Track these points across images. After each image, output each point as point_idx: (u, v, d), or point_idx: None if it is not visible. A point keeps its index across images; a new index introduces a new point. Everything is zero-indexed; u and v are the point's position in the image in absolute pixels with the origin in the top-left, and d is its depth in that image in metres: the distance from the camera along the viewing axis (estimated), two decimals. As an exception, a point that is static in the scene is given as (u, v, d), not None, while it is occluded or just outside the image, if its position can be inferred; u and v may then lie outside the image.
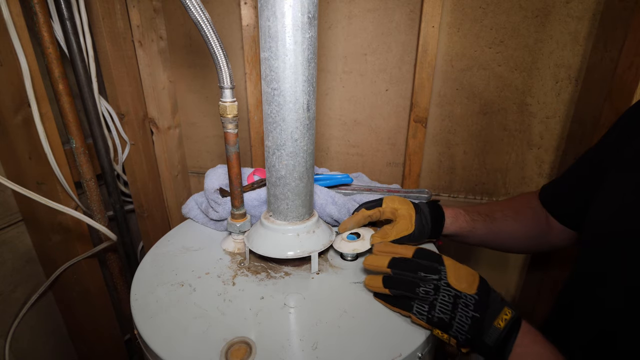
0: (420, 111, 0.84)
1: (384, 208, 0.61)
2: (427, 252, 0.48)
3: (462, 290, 0.43)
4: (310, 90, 0.50)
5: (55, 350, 0.89)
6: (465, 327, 0.42)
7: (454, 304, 0.43)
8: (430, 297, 0.44)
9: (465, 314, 0.42)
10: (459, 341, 0.43)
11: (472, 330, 0.42)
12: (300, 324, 0.48)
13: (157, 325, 0.47)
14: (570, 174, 0.61)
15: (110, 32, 0.83)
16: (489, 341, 0.41)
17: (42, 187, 0.74)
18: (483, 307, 0.42)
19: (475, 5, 0.76)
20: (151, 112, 0.98)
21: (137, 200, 1.00)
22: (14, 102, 0.67)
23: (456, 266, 0.46)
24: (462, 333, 0.42)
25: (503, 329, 0.41)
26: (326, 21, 0.85)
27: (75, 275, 0.83)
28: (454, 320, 0.43)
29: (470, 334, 0.42)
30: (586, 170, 0.57)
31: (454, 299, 0.43)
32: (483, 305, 0.43)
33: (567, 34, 0.74)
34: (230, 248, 0.64)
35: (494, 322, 0.42)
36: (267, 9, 0.45)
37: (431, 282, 0.45)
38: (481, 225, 0.62)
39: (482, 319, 0.42)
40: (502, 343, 0.41)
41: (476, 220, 0.62)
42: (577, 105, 0.78)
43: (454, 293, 0.43)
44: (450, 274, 0.45)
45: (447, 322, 0.43)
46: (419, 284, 0.45)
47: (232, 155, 0.57)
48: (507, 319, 0.42)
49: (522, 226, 0.63)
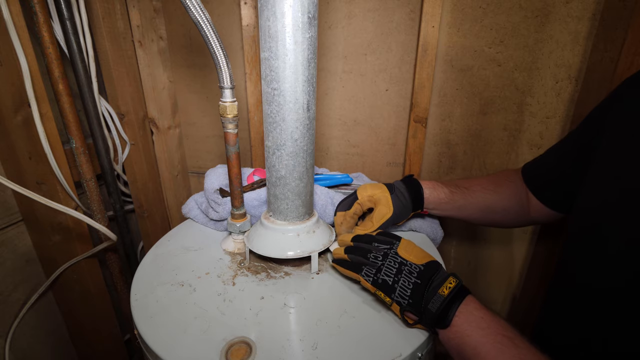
0: (420, 111, 0.84)
1: (360, 200, 0.62)
2: (388, 233, 0.54)
3: (407, 259, 0.47)
4: (310, 90, 0.50)
5: (55, 350, 0.89)
6: (407, 291, 0.45)
7: (399, 270, 0.46)
8: (378, 262, 0.48)
9: (408, 279, 0.45)
10: (401, 306, 0.45)
11: (413, 295, 0.44)
12: (300, 324, 0.48)
13: (157, 325, 0.47)
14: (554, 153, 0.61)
15: (110, 32, 0.83)
16: (432, 308, 0.43)
17: (42, 187, 0.74)
18: (427, 276, 0.45)
19: (475, 5, 0.76)
20: (151, 112, 0.98)
21: (137, 200, 1.00)
22: (14, 102, 0.67)
23: (411, 245, 0.50)
24: (404, 297, 0.45)
25: (447, 295, 0.43)
26: (326, 21, 0.85)
27: (75, 275, 0.83)
28: (397, 284, 0.46)
29: (412, 299, 0.44)
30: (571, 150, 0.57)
31: (399, 265, 0.47)
32: (427, 275, 0.45)
33: (567, 34, 0.74)
34: (230, 248, 0.64)
35: (438, 290, 0.44)
36: (267, 9, 0.45)
37: (382, 250, 0.50)
38: (460, 197, 0.63)
39: (424, 286, 0.44)
40: (445, 309, 0.42)
41: (454, 192, 0.64)
42: (577, 105, 0.78)
43: (400, 260, 0.47)
44: (402, 247, 0.50)
45: (390, 285, 0.46)
46: (371, 251, 0.50)
47: (232, 155, 0.57)
48: (452, 287, 0.44)
49: (501, 198, 0.64)
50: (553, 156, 0.61)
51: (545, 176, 0.61)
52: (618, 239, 0.40)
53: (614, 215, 0.42)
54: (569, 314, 0.47)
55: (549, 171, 0.61)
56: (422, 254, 0.49)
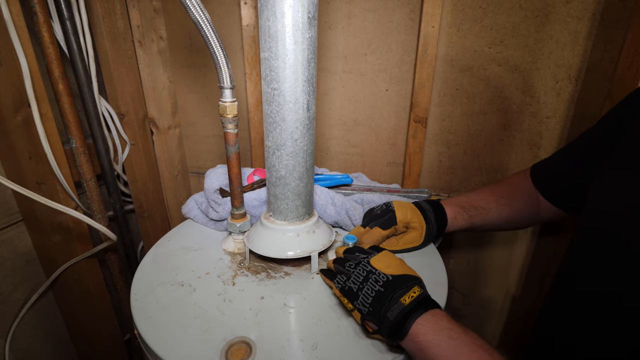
0: (420, 111, 0.84)
1: (398, 225, 0.63)
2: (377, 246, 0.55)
3: (377, 269, 0.46)
4: (310, 90, 0.50)
5: (55, 350, 0.89)
6: (369, 299, 0.44)
7: (366, 278, 0.46)
8: (350, 270, 0.48)
9: (372, 287, 0.45)
10: (362, 313, 0.44)
11: (374, 303, 0.43)
12: (300, 324, 0.48)
13: (157, 325, 0.47)
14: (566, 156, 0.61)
15: (110, 32, 0.83)
16: (390, 316, 0.41)
17: (42, 187, 0.74)
18: (393, 286, 0.44)
19: (475, 5, 0.76)
20: (151, 112, 0.98)
21: (137, 200, 1.00)
22: (14, 102, 0.67)
23: (389, 257, 0.49)
24: (365, 305, 0.44)
25: (408, 305, 0.41)
26: (326, 21, 0.85)
27: (75, 275, 0.83)
28: (360, 292, 0.45)
29: (373, 307, 0.43)
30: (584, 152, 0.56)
31: (367, 273, 0.46)
32: (393, 285, 0.44)
33: (567, 34, 0.74)
34: (230, 248, 0.64)
35: (400, 299, 0.42)
36: (267, 9, 0.45)
37: (357, 259, 0.50)
38: (479, 219, 0.64)
39: (386, 294, 0.43)
40: (404, 318, 0.41)
41: (473, 216, 0.64)
42: (577, 105, 0.78)
43: (369, 269, 0.47)
44: (377, 257, 0.49)
45: (354, 292, 0.46)
46: (349, 260, 0.51)
47: (232, 155, 0.57)
48: (414, 296, 0.42)
49: (516, 211, 0.65)
50: (565, 158, 0.61)
51: (557, 178, 0.61)
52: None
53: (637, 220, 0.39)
54: (571, 318, 0.47)
55: (560, 173, 0.60)
56: (398, 267, 0.47)
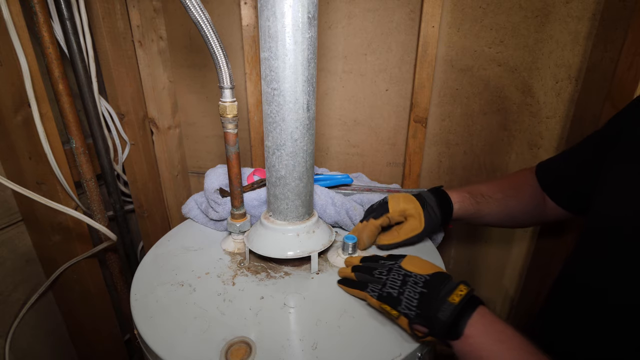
0: (420, 111, 0.84)
1: (391, 213, 0.61)
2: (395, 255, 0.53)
3: (412, 271, 0.46)
4: (310, 90, 0.50)
5: (55, 350, 0.89)
6: (414, 301, 0.43)
7: (403, 281, 0.45)
8: (383, 278, 0.47)
9: (413, 289, 0.44)
10: (409, 318, 0.43)
11: (421, 305, 0.42)
12: (300, 324, 0.48)
13: (157, 325, 0.47)
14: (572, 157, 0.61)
15: (110, 32, 0.83)
16: (442, 316, 0.40)
17: (42, 187, 0.74)
18: (434, 285, 0.43)
19: (475, 5, 0.76)
20: (151, 112, 0.98)
21: (137, 200, 1.00)
22: (14, 102, 0.67)
23: (416, 259, 0.49)
24: (412, 309, 0.43)
25: (458, 303, 0.40)
26: (326, 21, 0.85)
27: (75, 275, 0.83)
28: (402, 295, 0.44)
29: (420, 309, 0.42)
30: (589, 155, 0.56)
31: (403, 277, 0.46)
32: (434, 284, 0.43)
33: (567, 34, 0.74)
34: (230, 248, 0.64)
35: (448, 298, 0.41)
36: (267, 9, 0.45)
37: (387, 266, 0.49)
38: (485, 207, 0.63)
39: (431, 295, 0.42)
40: (457, 319, 0.40)
41: (480, 202, 0.63)
42: (577, 105, 0.78)
43: (404, 272, 0.46)
44: (406, 261, 0.49)
45: (395, 296, 0.44)
46: (376, 268, 0.50)
47: (232, 155, 0.57)
48: (462, 295, 0.41)
49: (521, 204, 0.64)
50: (571, 159, 0.61)
51: (562, 179, 0.61)
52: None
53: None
54: (575, 323, 0.46)
55: (566, 175, 0.60)
56: (428, 266, 0.47)
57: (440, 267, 0.47)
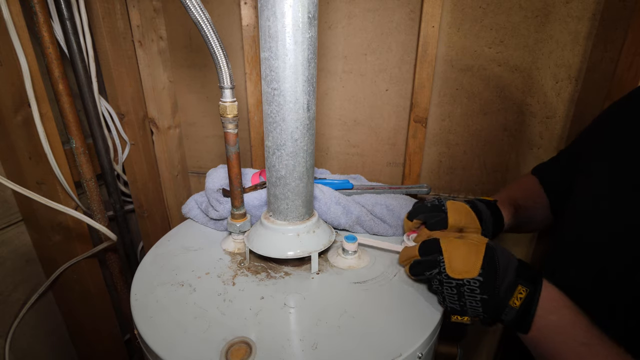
0: (420, 111, 0.84)
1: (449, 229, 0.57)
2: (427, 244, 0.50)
3: (462, 278, 0.44)
4: (310, 90, 0.50)
5: (55, 350, 0.89)
6: (479, 309, 0.44)
7: (459, 293, 0.45)
8: (439, 291, 0.47)
9: (473, 298, 0.44)
10: (481, 321, 0.45)
11: (486, 310, 0.44)
12: (300, 324, 0.48)
13: (157, 325, 0.47)
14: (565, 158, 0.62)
15: (110, 32, 0.83)
16: (506, 319, 0.43)
17: (42, 187, 0.74)
18: (490, 287, 0.43)
19: (475, 5, 0.76)
20: (151, 112, 0.98)
21: (137, 200, 1.00)
22: (14, 102, 0.67)
23: (453, 252, 0.46)
24: (479, 314, 0.44)
25: (519, 307, 0.42)
26: (326, 21, 0.85)
27: (75, 275, 0.83)
28: (465, 307, 0.45)
29: (487, 313, 0.44)
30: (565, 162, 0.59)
31: (457, 289, 0.45)
32: (490, 285, 0.43)
33: (567, 34, 0.74)
34: (230, 248, 0.64)
35: (509, 302, 0.42)
36: (267, 9, 0.45)
37: (435, 278, 0.47)
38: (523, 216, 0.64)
39: (492, 300, 0.43)
40: (522, 318, 0.42)
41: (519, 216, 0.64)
42: (577, 105, 0.78)
43: (454, 283, 0.45)
44: (448, 263, 0.46)
45: (459, 310, 0.46)
46: (430, 282, 0.49)
47: (232, 155, 0.57)
48: (522, 298, 0.42)
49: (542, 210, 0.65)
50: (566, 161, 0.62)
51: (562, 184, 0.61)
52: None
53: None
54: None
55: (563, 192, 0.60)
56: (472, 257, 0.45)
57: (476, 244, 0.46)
